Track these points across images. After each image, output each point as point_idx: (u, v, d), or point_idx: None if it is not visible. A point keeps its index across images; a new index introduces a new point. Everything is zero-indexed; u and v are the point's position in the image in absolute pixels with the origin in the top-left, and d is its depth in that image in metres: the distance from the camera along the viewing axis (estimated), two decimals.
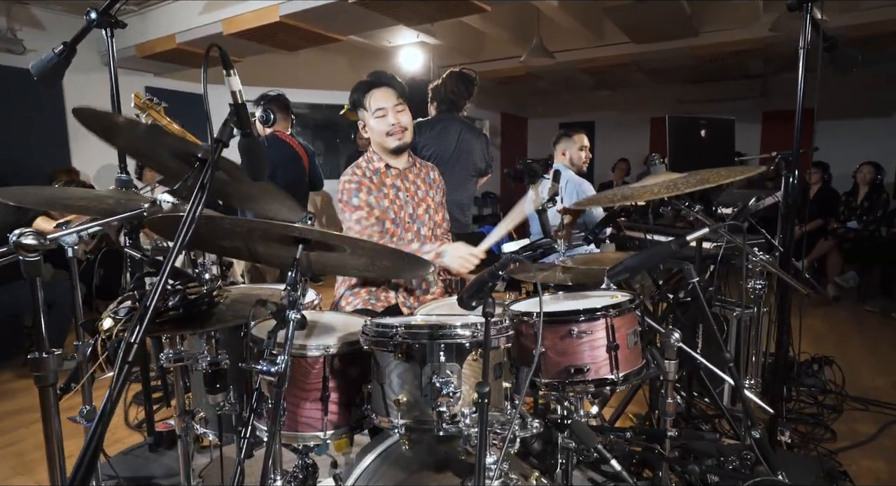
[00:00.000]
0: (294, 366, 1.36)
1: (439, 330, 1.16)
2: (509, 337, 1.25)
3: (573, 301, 1.43)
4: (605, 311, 1.25)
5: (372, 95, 1.87)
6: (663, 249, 1.21)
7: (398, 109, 1.87)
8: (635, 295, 1.37)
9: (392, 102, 1.86)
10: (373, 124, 1.89)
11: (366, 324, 1.30)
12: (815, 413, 2.63)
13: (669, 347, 1.47)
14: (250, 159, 0.84)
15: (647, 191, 1.31)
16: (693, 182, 1.29)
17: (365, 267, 1.42)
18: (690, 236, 1.21)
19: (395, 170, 1.95)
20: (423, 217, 1.97)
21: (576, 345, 1.26)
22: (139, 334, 0.69)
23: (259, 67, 6.03)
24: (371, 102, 1.87)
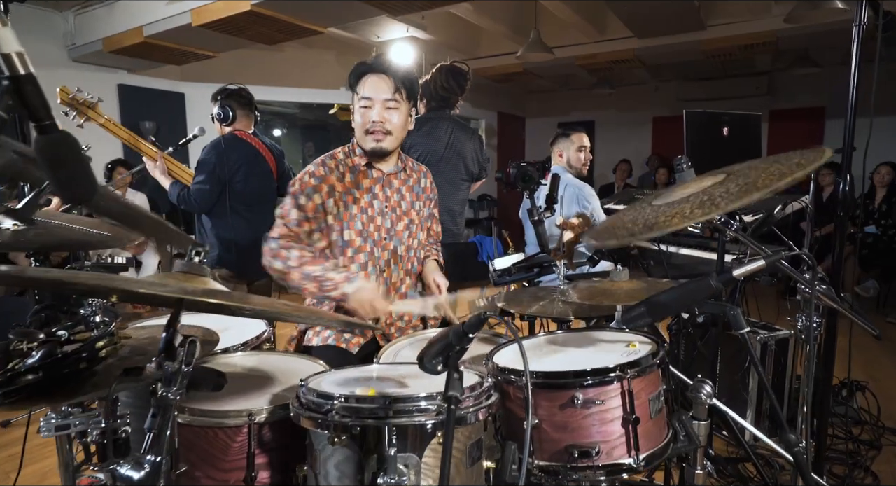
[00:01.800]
0: (208, 439, 1.03)
1: (392, 407, 0.83)
2: (491, 407, 0.92)
3: (577, 351, 1.10)
4: (620, 372, 0.92)
5: (365, 81, 1.51)
6: (699, 287, 0.88)
7: (389, 104, 1.51)
8: (659, 343, 1.03)
9: (383, 95, 1.50)
10: (356, 115, 1.55)
11: (300, 386, 0.97)
12: (851, 451, 2.31)
13: (699, 404, 1.14)
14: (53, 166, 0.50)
15: (675, 213, 0.98)
16: (735, 193, 0.96)
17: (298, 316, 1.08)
18: (739, 271, 0.88)
19: (377, 172, 1.60)
20: (401, 234, 1.62)
21: (581, 417, 0.93)
22: None
23: (241, 64, 5.70)
24: (361, 89, 1.52)
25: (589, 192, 2.79)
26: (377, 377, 1.06)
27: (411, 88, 1.54)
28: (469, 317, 0.76)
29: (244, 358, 1.36)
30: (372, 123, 1.50)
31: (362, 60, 1.54)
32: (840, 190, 1.45)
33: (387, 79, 1.49)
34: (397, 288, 1.63)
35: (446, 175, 2.97)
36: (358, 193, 1.57)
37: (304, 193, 1.53)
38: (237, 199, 2.77)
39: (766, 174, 0.93)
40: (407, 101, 1.54)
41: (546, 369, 0.96)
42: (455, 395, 0.73)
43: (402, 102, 1.52)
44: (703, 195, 1.03)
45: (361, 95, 1.51)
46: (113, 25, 4.27)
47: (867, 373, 3.18)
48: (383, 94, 1.49)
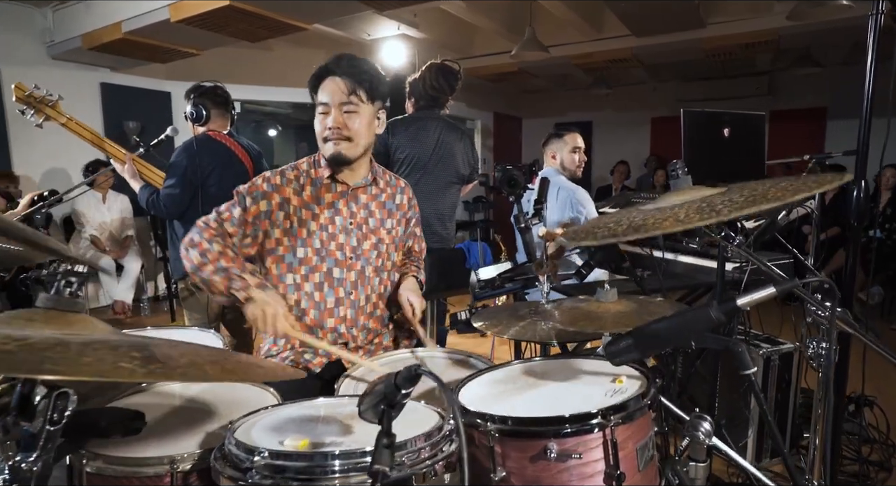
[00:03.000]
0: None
1: (326, 463, 0.69)
2: (451, 456, 0.78)
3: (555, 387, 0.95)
4: (602, 418, 0.78)
5: (322, 86, 1.38)
6: (697, 318, 0.74)
7: (346, 108, 1.36)
8: (651, 378, 0.89)
9: (339, 98, 1.35)
10: (315, 123, 1.41)
11: (227, 430, 0.83)
12: (860, 473, 2.16)
13: (697, 443, 0.99)
14: None
15: (668, 217, 0.84)
16: (742, 202, 0.82)
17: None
18: (744, 301, 0.73)
19: (341, 186, 1.46)
20: (368, 253, 1.48)
21: (555, 472, 0.78)
22: None
23: (230, 62, 5.56)
24: (318, 95, 1.39)
25: (583, 195, 2.64)
26: (322, 417, 0.91)
27: (373, 87, 1.38)
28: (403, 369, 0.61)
29: (185, 388, 1.21)
30: (329, 130, 1.36)
31: (319, 65, 1.40)
32: (854, 198, 1.30)
33: (342, 81, 1.35)
34: (367, 312, 1.49)
35: (435, 177, 2.83)
36: (318, 209, 1.43)
37: (251, 195, 1.40)
38: (211, 203, 2.58)
39: (776, 188, 0.79)
40: (369, 102, 1.39)
41: (515, 414, 0.81)
42: (381, 470, 0.58)
43: (362, 105, 1.37)
44: (703, 202, 0.89)
45: (318, 100, 1.38)
46: (91, 21, 4.13)
47: (874, 386, 3.03)
48: (339, 97, 1.35)
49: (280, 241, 1.41)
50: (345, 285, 1.44)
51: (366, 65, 1.40)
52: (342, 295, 1.44)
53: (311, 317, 1.43)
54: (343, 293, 1.44)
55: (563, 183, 2.69)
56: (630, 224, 0.87)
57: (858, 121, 1.36)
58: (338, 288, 1.44)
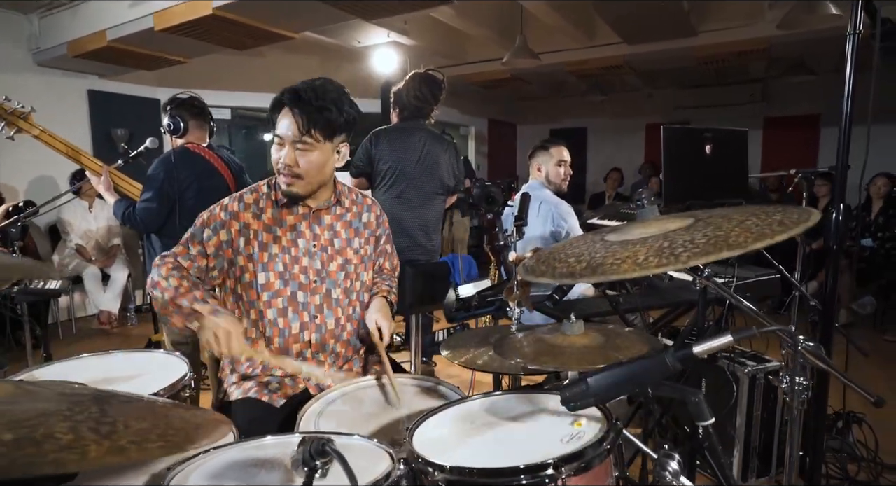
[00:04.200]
0: None
1: None
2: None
3: (511, 428, 0.91)
4: (554, 470, 0.74)
5: (279, 118, 1.32)
6: (652, 366, 0.70)
7: (298, 146, 1.30)
8: (611, 420, 0.85)
9: (291, 135, 1.29)
10: (271, 150, 1.36)
11: (165, 478, 0.78)
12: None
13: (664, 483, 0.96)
14: None
15: (626, 257, 0.80)
16: (702, 246, 0.78)
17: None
18: (700, 348, 0.69)
19: (303, 208, 1.42)
20: (335, 275, 1.43)
21: None
22: None
23: (220, 69, 5.53)
24: (276, 125, 1.33)
25: (565, 210, 2.61)
26: (269, 460, 0.87)
27: (332, 125, 1.31)
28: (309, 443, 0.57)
29: None
30: (282, 165, 1.32)
31: (283, 90, 1.33)
32: (833, 220, 1.27)
33: (298, 118, 1.28)
34: (335, 335, 1.44)
35: (419, 188, 2.79)
36: (280, 232, 1.39)
37: (210, 227, 1.36)
38: (189, 217, 2.55)
39: (740, 228, 0.76)
40: (326, 140, 1.32)
41: (466, 462, 0.77)
42: None
43: (318, 143, 1.31)
44: (664, 240, 0.85)
45: (275, 131, 1.33)
46: (77, 29, 4.10)
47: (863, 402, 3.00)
48: (292, 134, 1.29)
49: (245, 267, 1.37)
50: (309, 309, 1.40)
51: (329, 100, 1.29)
52: (307, 319, 1.40)
53: (276, 344, 1.38)
54: (308, 317, 1.40)
55: (546, 197, 2.66)
56: (589, 263, 0.83)
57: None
58: (302, 312, 1.39)
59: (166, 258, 1.36)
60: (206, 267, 1.36)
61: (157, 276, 1.31)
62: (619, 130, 8.49)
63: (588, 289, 2.47)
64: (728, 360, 2.21)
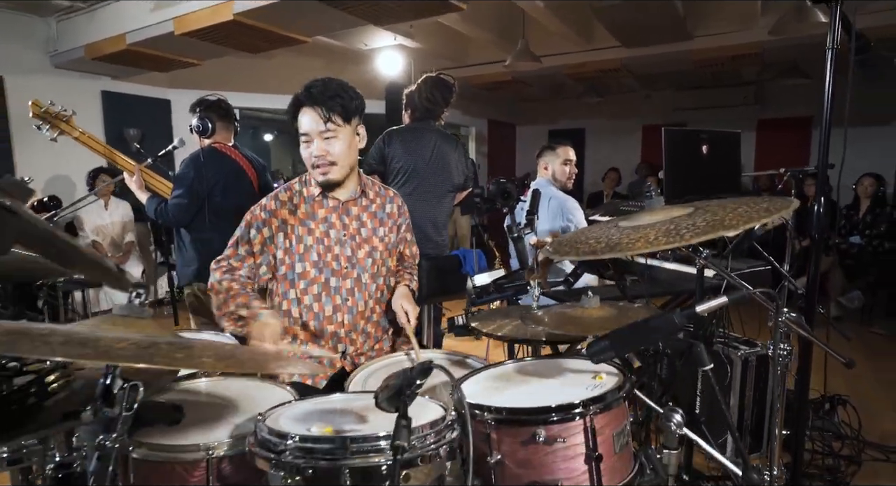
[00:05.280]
0: (163, 475, 1.00)
1: (348, 447, 0.81)
2: (453, 442, 0.90)
3: (542, 382, 1.08)
4: (583, 408, 0.91)
5: (300, 117, 1.49)
6: (663, 324, 0.87)
7: (325, 135, 1.46)
8: (627, 375, 1.02)
9: (317, 128, 1.46)
10: (301, 150, 1.52)
11: (258, 420, 0.95)
12: (831, 467, 2.30)
13: (669, 433, 1.12)
14: None
15: (640, 238, 0.97)
16: (702, 227, 0.95)
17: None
18: (702, 307, 0.86)
19: (332, 201, 1.58)
20: (364, 262, 1.59)
21: (543, 454, 0.91)
22: None
23: (230, 71, 5.67)
24: (299, 125, 1.49)
25: (573, 205, 2.78)
26: (339, 410, 1.04)
27: (346, 109, 1.47)
28: (417, 364, 0.73)
29: (211, 384, 1.33)
30: (315, 158, 1.48)
31: (294, 95, 1.50)
32: (815, 213, 1.44)
33: (316, 111, 1.45)
34: (365, 316, 1.60)
35: (430, 186, 2.95)
36: (313, 224, 1.55)
37: (253, 227, 1.53)
38: (216, 213, 2.73)
39: (733, 214, 0.93)
40: (345, 124, 1.48)
41: (509, 405, 0.94)
42: (401, 445, 0.71)
43: (340, 128, 1.47)
44: (671, 224, 1.02)
45: (300, 131, 1.49)
46: (95, 32, 4.23)
47: (849, 387, 3.18)
48: (317, 126, 1.46)
49: (282, 260, 1.53)
50: (341, 293, 1.55)
51: (335, 89, 1.47)
52: (339, 302, 1.55)
53: (313, 326, 1.54)
54: (340, 300, 1.55)
55: (553, 193, 2.83)
56: (608, 243, 1.00)
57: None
58: (335, 296, 1.55)
59: (220, 262, 1.53)
60: (255, 265, 1.53)
61: (212, 279, 1.50)
62: (616, 131, 8.68)
63: (593, 279, 2.64)
64: (723, 345, 2.38)
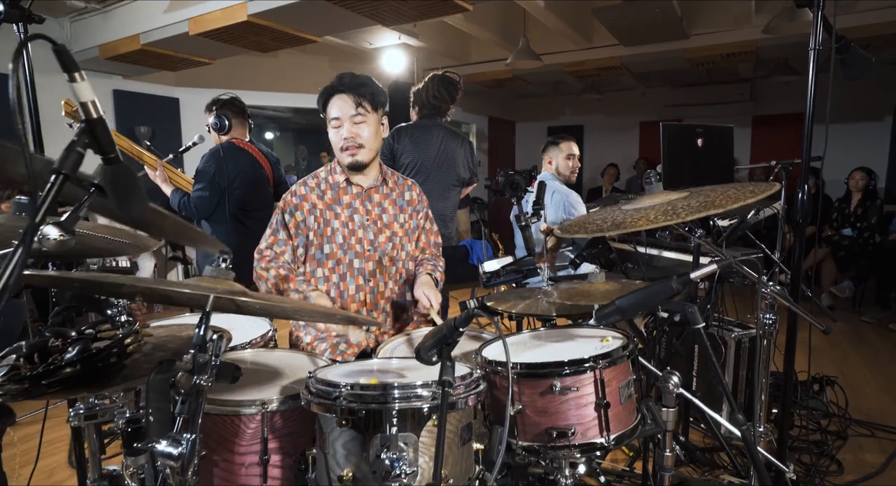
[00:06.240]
0: (226, 426, 1.15)
1: (392, 392, 0.95)
2: (479, 394, 1.04)
3: (556, 345, 1.23)
4: (593, 362, 1.05)
5: (331, 103, 1.64)
6: (662, 288, 1.01)
7: (356, 120, 1.62)
8: (629, 337, 1.16)
9: (348, 112, 1.61)
10: (330, 135, 1.67)
11: (309, 377, 1.09)
12: (818, 441, 2.45)
13: (667, 393, 1.27)
14: (117, 192, 0.62)
15: (641, 217, 1.11)
16: (695, 206, 1.09)
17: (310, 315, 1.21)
18: (695, 274, 1.01)
19: (356, 188, 1.72)
20: (384, 245, 1.72)
21: (558, 403, 1.05)
22: None
23: (235, 69, 5.80)
24: (329, 111, 1.65)
25: (575, 198, 2.92)
26: (377, 370, 1.18)
27: (375, 98, 1.63)
28: (460, 313, 0.88)
29: (253, 355, 1.47)
30: (344, 140, 1.62)
31: (326, 85, 1.66)
32: (798, 199, 1.59)
33: (348, 97, 1.60)
34: (385, 296, 1.74)
35: (437, 181, 3.08)
36: (339, 209, 1.69)
37: (287, 212, 1.68)
38: (235, 205, 2.87)
39: (723, 196, 1.07)
40: (374, 111, 1.64)
41: (528, 361, 1.09)
42: (448, 380, 0.85)
43: (368, 114, 1.62)
44: (668, 206, 1.17)
45: (330, 116, 1.64)
46: (109, 33, 4.34)
47: (838, 368, 3.34)
48: (348, 111, 1.61)
49: (312, 241, 1.68)
50: (364, 274, 1.69)
51: (364, 79, 1.65)
52: (361, 282, 1.70)
53: (338, 304, 1.68)
54: (362, 281, 1.70)
55: (557, 187, 2.97)
56: (613, 222, 1.14)
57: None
58: (357, 277, 1.69)
59: (263, 252, 1.68)
60: (294, 247, 1.68)
61: (259, 269, 1.65)
62: (614, 127, 8.83)
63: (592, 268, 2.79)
64: (717, 327, 2.54)
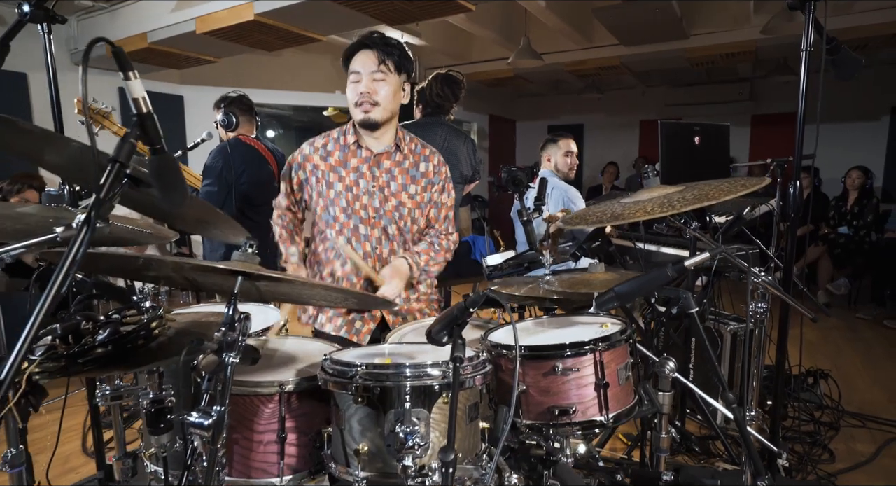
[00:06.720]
0: (245, 405, 1.21)
1: (405, 371, 1.02)
2: (486, 375, 1.11)
3: (558, 330, 1.29)
4: (593, 345, 1.12)
5: (354, 58, 1.58)
6: (658, 276, 1.08)
7: (375, 77, 1.55)
8: (627, 323, 1.23)
9: (369, 68, 1.54)
10: (348, 91, 1.61)
11: (325, 359, 1.15)
12: (811, 431, 2.53)
13: (664, 378, 1.34)
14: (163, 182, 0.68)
15: (639, 209, 1.18)
16: (690, 199, 1.16)
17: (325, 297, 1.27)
18: (689, 262, 1.07)
19: (365, 151, 1.65)
20: (391, 214, 1.66)
21: (560, 383, 1.12)
22: None
23: (239, 68, 5.86)
24: (351, 65, 1.58)
25: (574, 194, 2.98)
26: (389, 353, 1.25)
27: (399, 60, 1.57)
28: (471, 294, 0.94)
29: (267, 341, 1.54)
30: (360, 95, 1.56)
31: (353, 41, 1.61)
32: (790, 195, 1.65)
33: (372, 53, 1.55)
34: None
35: None
36: (344, 172, 1.65)
37: (292, 168, 1.72)
38: (242, 200, 2.94)
39: (717, 189, 1.13)
40: (395, 73, 1.57)
41: (532, 344, 1.15)
42: (460, 355, 0.92)
43: (389, 74, 1.56)
44: (664, 199, 1.23)
45: (351, 70, 1.58)
46: (116, 31, 4.40)
47: (833, 362, 3.41)
48: (370, 66, 1.55)
49: (317, 202, 1.70)
50: (371, 241, 1.67)
51: (395, 41, 1.59)
52: (369, 249, 1.68)
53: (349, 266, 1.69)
54: (370, 248, 1.68)
55: (556, 183, 3.03)
56: (612, 214, 1.21)
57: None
58: (364, 243, 1.67)
59: (275, 210, 1.80)
60: (297, 200, 1.76)
61: (276, 232, 1.77)
62: (614, 126, 8.89)
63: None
64: (714, 320, 2.60)
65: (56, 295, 0.55)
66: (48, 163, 1.17)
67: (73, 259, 0.56)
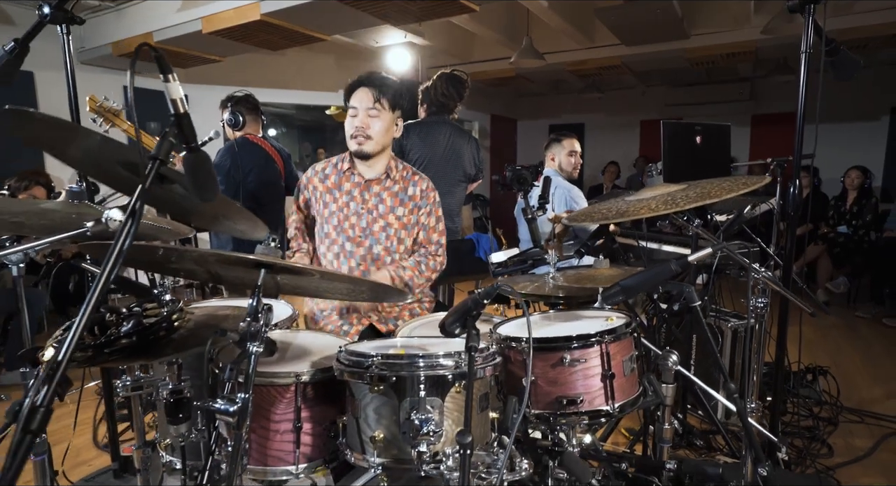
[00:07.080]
0: (262, 395, 1.25)
1: (420, 361, 1.06)
2: (496, 365, 1.15)
3: (565, 324, 1.33)
4: (599, 337, 1.16)
5: (354, 94, 1.77)
6: (662, 270, 1.12)
7: (370, 113, 1.73)
8: (632, 317, 1.27)
9: (366, 104, 1.73)
10: (346, 124, 1.80)
11: (340, 350, 1.19)
12: (810, 427, 2.57)
13: (667, 370, 1.38)
14: (196, 178, 0.73)
15: (643, 206, 1.22)
16: (693, 197, 1.20)
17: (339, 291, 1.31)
18: (692, 257, 1.11)
19: (358, 177, 1.83)
20: (378, 235, 1.80)
21: (568, 374, 1.16)
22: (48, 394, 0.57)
23: (243, 67, 5.89)
24: (350, 100, 1.78)
25: (577, 193, 3.02)
26: (402, 346, 1.29)
27: (395, 98, 1.74)
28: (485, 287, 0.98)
29: (280, 335, 1.58)
30: (355, 128, 1.74)
31: (354, 78, 1.78)
32: (790, 193, 1.69)
33: (369, 91, 1.73)
34: None
35: (444, 177, 3.18)
36: (338, 194, 1.83)
37: (300, 189, 1.89)
38: (249, 198, 2.98)
39: (718, 188, 1.17)
40: (389, 110, 1.75)
41: (540, 336, 1.19)
42: (474, 345, 0.96)
43: (383, 111, 1.73)
44: (667, 196, 1.27)
45: (350, 105, 1.77)
46: (122, 31, 4.43)
47: (832, 360, 3.45)
48: (366, 103, 1.73)
49: (314, 219, 1.87)
50: (355, 257, 1.82)
51: (391, 81, 1.78)
52: (353, 265, 1.82)
53: None
54: (354, 264, 1.82)
55: (560, 182, 3.07)
56: (617, 211, 1.25)
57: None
58: (350, 259, 1.82)
59: (289, 217, 1.94)
60: (305, 216, 1.90)
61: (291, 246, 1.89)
62: (615, 126, 8.93)
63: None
64: (715, 317, 2.64)
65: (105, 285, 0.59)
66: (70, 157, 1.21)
67: (121, 250, 0.60)
